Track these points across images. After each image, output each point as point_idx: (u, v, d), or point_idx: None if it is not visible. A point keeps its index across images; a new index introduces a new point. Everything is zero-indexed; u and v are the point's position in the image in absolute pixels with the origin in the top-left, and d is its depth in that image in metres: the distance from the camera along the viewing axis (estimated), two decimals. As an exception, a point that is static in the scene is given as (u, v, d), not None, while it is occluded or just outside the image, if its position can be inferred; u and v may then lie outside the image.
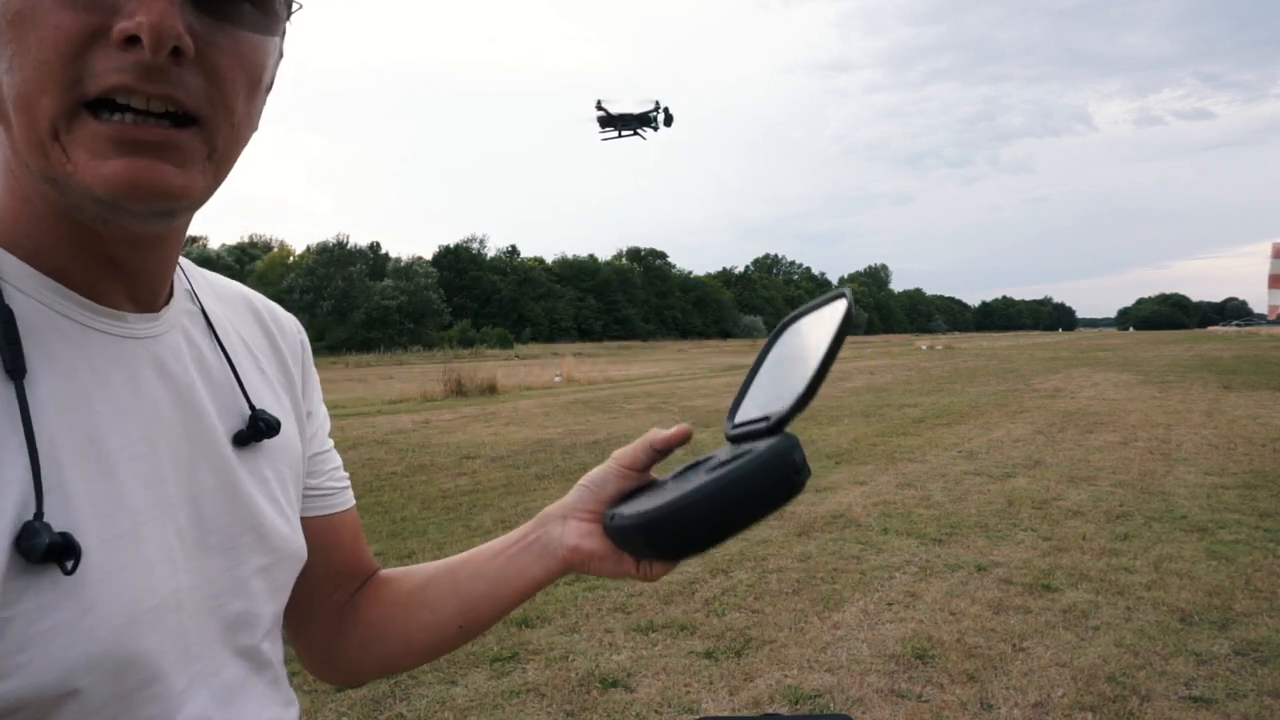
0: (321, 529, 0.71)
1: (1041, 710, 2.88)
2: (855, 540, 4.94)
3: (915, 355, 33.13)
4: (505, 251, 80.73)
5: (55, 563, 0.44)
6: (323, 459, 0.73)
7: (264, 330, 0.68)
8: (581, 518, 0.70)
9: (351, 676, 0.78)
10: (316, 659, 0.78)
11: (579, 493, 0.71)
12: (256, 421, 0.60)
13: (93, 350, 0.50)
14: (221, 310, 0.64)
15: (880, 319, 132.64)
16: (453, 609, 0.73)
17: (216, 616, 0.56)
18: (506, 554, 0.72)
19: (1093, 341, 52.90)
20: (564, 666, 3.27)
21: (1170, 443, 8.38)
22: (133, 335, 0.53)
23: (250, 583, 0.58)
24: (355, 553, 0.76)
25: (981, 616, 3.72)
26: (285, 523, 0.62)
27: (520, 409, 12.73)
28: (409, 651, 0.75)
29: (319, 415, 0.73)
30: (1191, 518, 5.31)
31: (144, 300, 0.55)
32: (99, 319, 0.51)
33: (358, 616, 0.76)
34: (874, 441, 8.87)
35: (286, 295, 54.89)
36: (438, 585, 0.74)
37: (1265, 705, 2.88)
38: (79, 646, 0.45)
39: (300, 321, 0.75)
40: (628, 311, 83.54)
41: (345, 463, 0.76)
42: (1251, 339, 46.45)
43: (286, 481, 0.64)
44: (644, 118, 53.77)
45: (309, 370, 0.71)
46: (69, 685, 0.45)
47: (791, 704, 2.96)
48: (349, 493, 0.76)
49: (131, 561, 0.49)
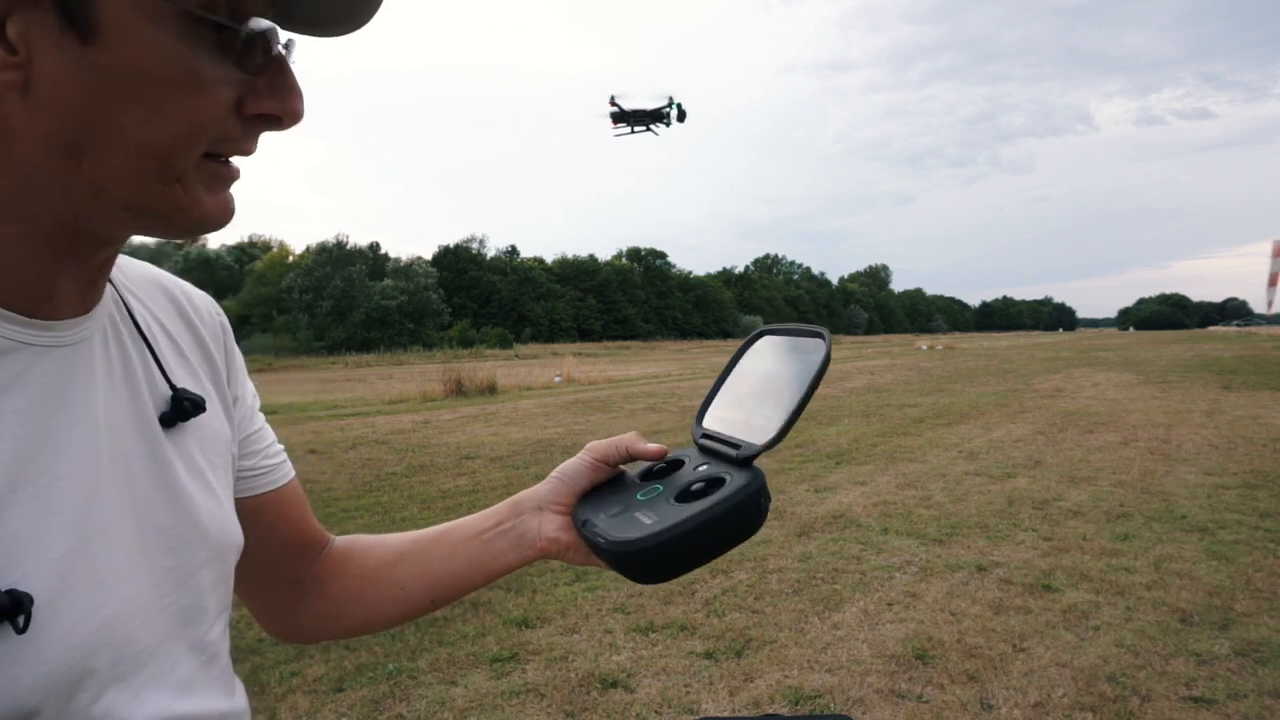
0: (263, 506, 0.72)
1: (1041, 710, 2.88)
2: (855, 540, 4.94)
3: (915, 355, 33.13)
4: (505, 251, 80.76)
5: (7, 621, 0.44)
6: (255, 437, 0.72)
7: (180, 314, 0.67)
8: (556, 510, 0.74)
9: (313, 639, 0.81)
10: (277, 624, 0.79)
11: (553, 485, 0.75)
12: (180, 401, 0.60)
13: (22, 367, 0.50)
14: (137, 297, 0.63)
15: (880, 319, 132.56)
16: (424, 586, 0.76)
17: (167, 615, 0.56)
18: (481, 538, 0.75)
19: (1093, 341, 52.90)
20: (564, 667, 3.27)
21: (1170, 443, 8.38)
22: (62, 342, 0.52)
23: (196, 576, 0.59)
24: (302, 525, 0.76)
25: (982, 617, 3.72)
26: (221, 513, 0.63)
27: (520, 409, 12.73)
28: (377, 621, 0.78)
29: (246, 396, 0.72)
30: (1192, 518, 5.31)
31: (90, 301, 0.55)
32: (29, 332, 0.51)
33: (321, 589, 0.77)
34: (874, 441, 8.87)
35: (286, 295, 55.02)
36: (408, 563, 0.76)
37: (1265, 705, 2.87)
38: (30, 675, 0.46)
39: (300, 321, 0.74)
40: (628, 311, 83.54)
41: (345, 463, 0.77)
42: (1252, 339, 46.45)
43: (219, 469, 0.64)
44: (657, 114, 53.84)
45: (231, 351, 0.71)
46: (23, 708, 0.45)
47: (791, 704, 2.96)
48: (287, 465, 0.76)
49: (81, 579, 0.49)
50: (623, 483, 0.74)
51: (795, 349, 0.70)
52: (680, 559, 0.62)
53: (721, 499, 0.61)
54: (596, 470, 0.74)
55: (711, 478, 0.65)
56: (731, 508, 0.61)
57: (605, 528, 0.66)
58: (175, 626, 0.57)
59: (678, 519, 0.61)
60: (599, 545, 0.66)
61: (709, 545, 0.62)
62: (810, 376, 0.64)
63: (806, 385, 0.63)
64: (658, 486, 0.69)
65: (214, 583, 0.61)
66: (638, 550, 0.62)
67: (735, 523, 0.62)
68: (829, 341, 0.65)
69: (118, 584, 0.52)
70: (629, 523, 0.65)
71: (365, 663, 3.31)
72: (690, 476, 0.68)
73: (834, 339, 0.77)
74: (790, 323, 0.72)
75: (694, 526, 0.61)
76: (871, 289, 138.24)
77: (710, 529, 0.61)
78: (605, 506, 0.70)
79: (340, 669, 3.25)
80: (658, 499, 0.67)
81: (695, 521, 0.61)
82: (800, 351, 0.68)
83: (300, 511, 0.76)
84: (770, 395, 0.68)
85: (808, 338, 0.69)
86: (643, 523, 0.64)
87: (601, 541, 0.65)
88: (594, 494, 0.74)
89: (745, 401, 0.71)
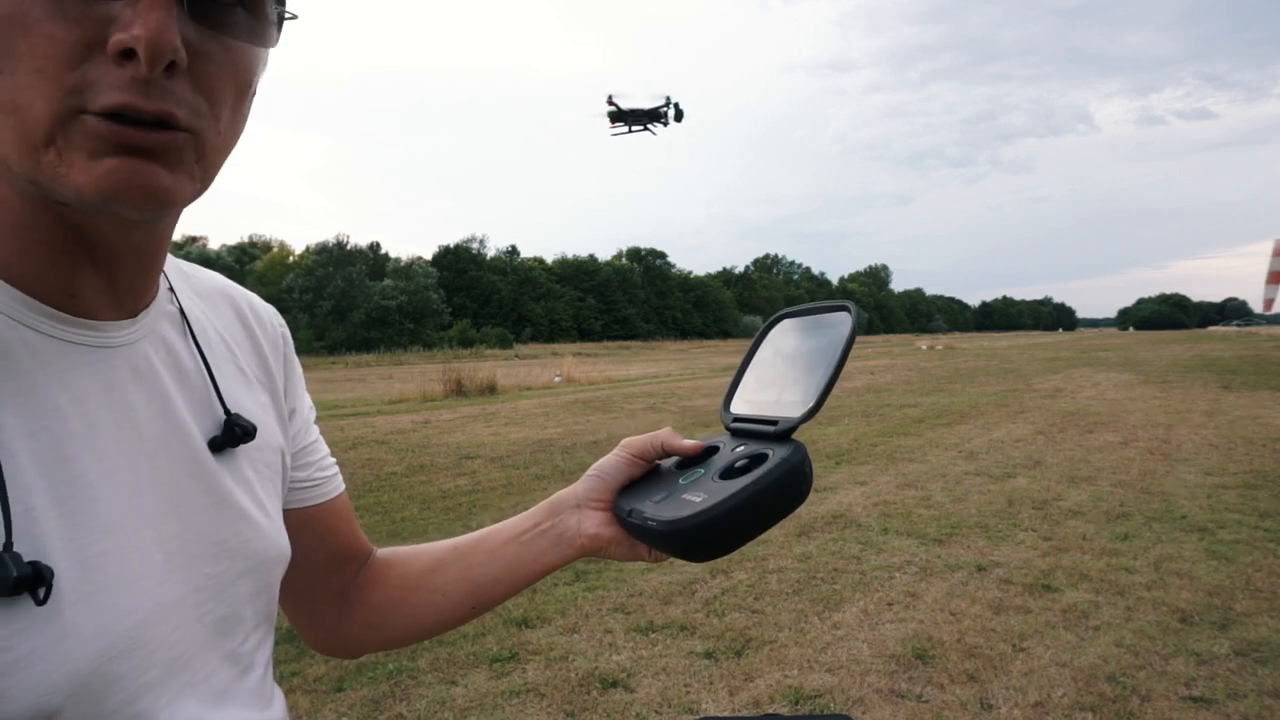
0: (314, 518, 0.72)
1: (1041, 710, 2.88)
2: (855, 540, 4.94)
3: (915, 355, 33.12)
4: (505, 251, 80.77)
5: (27, 593, 0.44)
6: (309, 450, 0.72)
7: (244, 325, 0.67)
8: (595, 506, 0.74)
9: (355, 652, 0.80)
10: (319, 637, 0.79)
11: (591, 482, 0.74)
12: (232, 427, 0.59)
13: (65, 365, 0.49)
14: (200, 308, 0.63)
15: (880, 319, 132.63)
16: (465, 591, 0.75)
17: (203, 624, 0.55)
18: (520, 540, 0.75)
19: (1093, 341, 52.90)
20: (564, 666, 3.27)
21: (1170, 443, 8.38)
22: (108, 344, 0.52)
23: (235, 586, 0.58)
24: (350, 537, 0.77)
25: (982, 616, 3.72)
26: (269, 524, 0.62)
27: (520, 409, 12.73)
28: (418, 631, 0.77)
29: (303, 409, 0.72)
30: (1192, 518, 5.31)
31: (127, 304, 0.54)
32: (73, 330, 0.50)
33: (363, 599, 0.77)
34: (874, 441, 8.87)
35: (286, 295, 54.88)
36: (448, 570, 0.76)
37: (1265, 705, 2.87)
38: (57, 671, 0.45)
39: (300, 321, 0.74)
40: (627, 311, 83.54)
41: (345, 463, 0.77)
42: (1251, 339, 46.45)
43: (267, 482, 0.64)
44: (654, 113, 53.88)
45: (291, 364, 0.70)
46: (46, 709, 0.44)
47: (791, 704, 2.96)
48: (338, 478, 0.76)
49: (112, 580, 0.48)
50: (659, 474, 0.74)
51: (818, 325, 0.69)
52: (733, 533, 0.63)
53: (769, 470, 0.62)
54: (634, 465, 0.74)
55: (754, 454, 0.66)
56: (779, 477, 0.62)
57: (654, 512, 0.66)
58: (211, 636, 0.56)
59: (728, 494, 0.62)
60: (651, 529, 0.66)
61: (761, 517, 0.62)
62: (840, 347, 0.64)
63: (837, 356, 0.63)
64: (699, 470, 0.69)
65: (253, 594, 0.60)
66: (693, 527, 0.62)
67: (784, 493, 0.62)
68: (855, 312, 0.65)
69: (152, 588, 0.51)
70: (679, 504, 0.65)
71: (365, 663, 3.31)
72: (730, 457, 0.68)
73: None
74: (809, 303, 0.72)
75: (745, 500, 0.61)
76: (871, 289, 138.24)
77: (760, 500, 0.62)
78: (649, 495, 0.70)
79: (340, 669, 3.25)
80: (702, 479, 0.67)
81: (746, 494, 0.61)
82: (824, 327, 0.68)
83: (349, 524, 0.76)
84: (799, 372, 0.68)
85: (830, 313, 0.69)
86: (692, 502, 0.64)
87: (654, 525, 0.65)
88: (631, 488, 0.74)
89: (773, 383, 0.71)
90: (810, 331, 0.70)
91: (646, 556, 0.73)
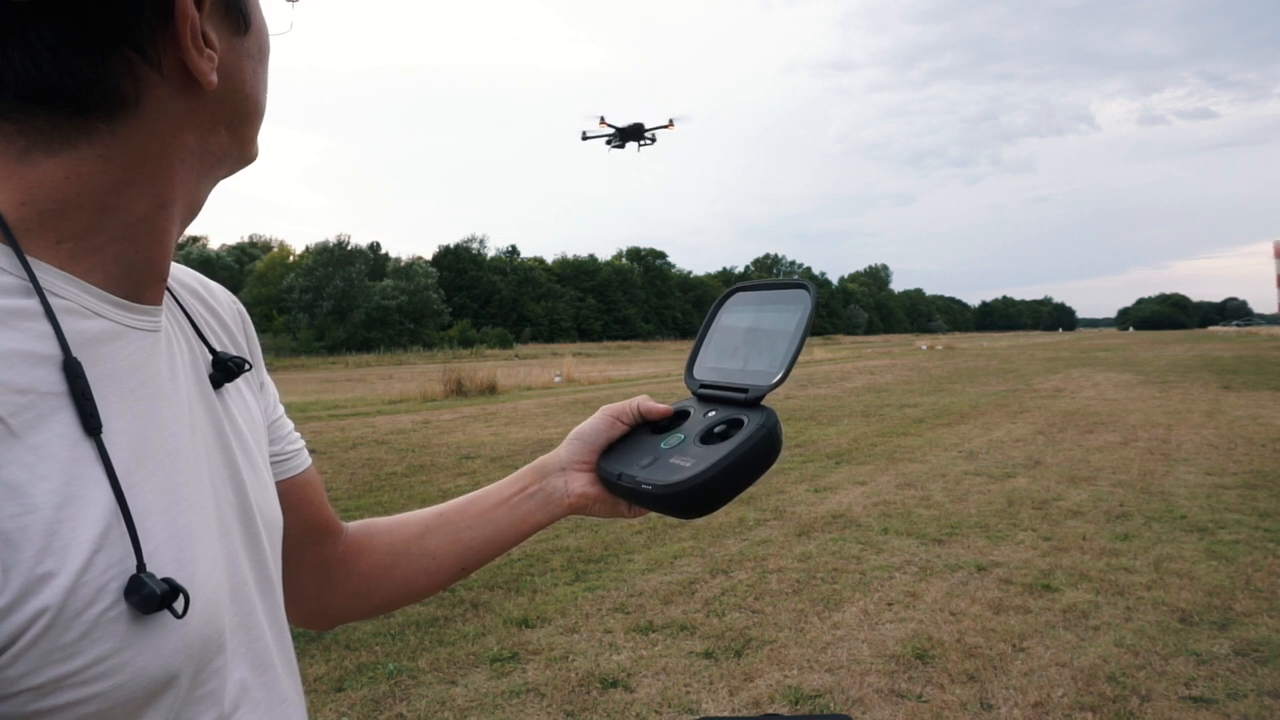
0: (289, 490, 0.74)
1: (1041, 710, 2.88)
2: (855, 540, 4.95)
3: (915, 355, 33.12)
4: (505, 251, 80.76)
5: (167, 608, 0.47)
6: (278, 424, 0.75)
7: (205, 305, 0.69)
8: (579, 468, 0.80)
9: (339, 621, 0.84)
10: (301, 610, 0.81)
11: (574, 446, 0.81)
12: (224, 362, 0.62)
13: (133, 350, 0.52)
14: (170, 287, 0.65)
15: (880, 319, 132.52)
16: (454, 555, 0.80)
17: (253, 585, 0.59)
18: (509, 503, 0.80)
19: (1093, 341, 52.89)
20: (564, 666, 3.27)
21: (1170, 443, 8.38)
22: (156, 328, 0.55)
23: (265, 549, 0.62)
24: (323, 510, 0.79)
25: (981, 616, 3.72)
26: (272, 490, 0.66)
27: (520, 409, 12.73)
28: (409, 594, 0.82)
29: (269, 383, 0.76)
30: (1191, 518, 5.31)
31: (160, 293, 0.57)
32: (134, 317, 0.53)
33: (348, 570, 0.80)
34: (874, 441, 8.87)
35: (286, 295, 54.95)
36: (437, 534, 0.80)
37: (1265, 705, 2.88)
38: (177, 637, 0.48)
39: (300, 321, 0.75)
40: (627, 311, 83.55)
41: (345, 463, 0.78)
42: (1252, 339, 46.46)
43: (263, 450, 0.67)
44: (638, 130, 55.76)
45: (252, 339, 0.73)
46: (171, 672, 0.48)
47: (791, 704, 2.96)
48: (305, 452, 0.79)
49: (199, 552, 0.52)
50: (636, 437, 0.80)
51: (776, 300, 0.76)
52: (721, 493, 0.70)
53: (749, 436, 0.69)
54: (613, 428, 0.81)
55: (729, 419, 0.72)
56: (758, 442, 0.69)
57: (646, 476, 0.73)
58: (258, 596, 0.59)
59: (715, 459, 0.69)
60: (646, 492, 0.72)
61: (744, 477, 0.69)
62: (800, 320, 0.71)
63: (801, 330, 0.70)
64: (679, 435, 0.75)
65: (275, 557, 0.64)
66: (687, 490, 0.69)
67: (762, 455, 0.69)
68: (813, 290, 0.72)
69: (217, 555, 0.54)
70: (668, 468, 0.72)
71: (365, 662, 3.31)
72: (706, 422, 0.74)
73: (833, 339, 0.80)
74: (764, 279, 0.76)
75: (730, 463, 0.68)
76: (871, 289, 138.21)
77: (744, 464, 0.69)
78: (634, 458, 0.76)
79: (340, 669, 3.25)
80: (685, 444, 0.74)
81: (731, 459, 0.68)
82: (782, 302, 0.75)
83: (321, 496, 0.79)
84: (761, 343, 0.74)
85: (787, 289, 0.75)
86: (682, 466, 0.71)
87: (648, 488, 0.72)
88: (612, 451, 0.80)
89: (736, 352, 0.77)
90: (769, 306, 0.76)
91: (626, 513, 0.80)
